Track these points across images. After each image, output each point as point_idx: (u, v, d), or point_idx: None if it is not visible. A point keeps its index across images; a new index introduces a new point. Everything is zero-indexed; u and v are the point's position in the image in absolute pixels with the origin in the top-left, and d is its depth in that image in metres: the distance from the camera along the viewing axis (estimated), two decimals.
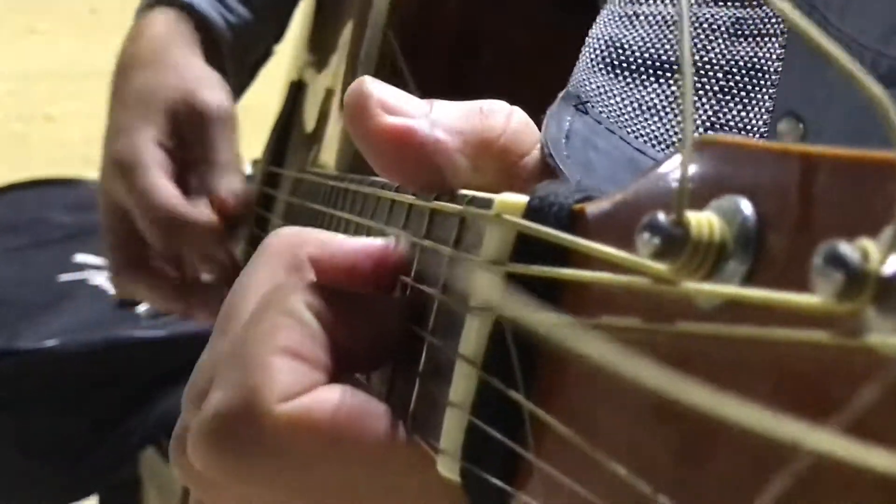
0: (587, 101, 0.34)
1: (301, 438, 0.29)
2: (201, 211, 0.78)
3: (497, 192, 0.28)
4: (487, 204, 0.28)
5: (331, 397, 0.29)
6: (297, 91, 0.91)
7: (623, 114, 0.36)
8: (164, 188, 0.77)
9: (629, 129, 0.35)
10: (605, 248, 0.22)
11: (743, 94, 0.36)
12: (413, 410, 0.30)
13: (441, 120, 0.33)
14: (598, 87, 0.37)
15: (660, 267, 0.21)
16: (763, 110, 0.36)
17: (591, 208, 0.25)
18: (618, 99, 0.36)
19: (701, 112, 0.36)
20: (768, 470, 0.17)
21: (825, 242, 0.17)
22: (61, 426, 1.24)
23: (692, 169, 0.21)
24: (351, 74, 0.74)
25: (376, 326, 0.32)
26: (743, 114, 0.36)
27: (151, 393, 1.23)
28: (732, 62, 0.36)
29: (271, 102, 0.93)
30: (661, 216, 0.20)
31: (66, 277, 1.38)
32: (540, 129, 0.34)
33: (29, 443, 1.24)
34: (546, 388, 0.25)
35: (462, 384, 0.27)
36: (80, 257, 1.41)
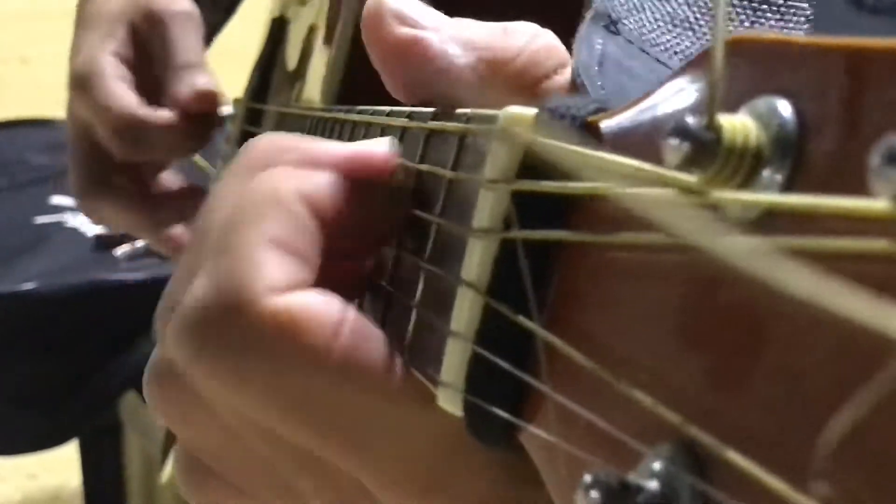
0: (618, 21, 0.32)
1: (286, 337, 0.27)
2: (160, 112, 0.75)
3: None
4: (491, 120, 0.26)
5: (323, 302, 0.27)
6: (278, 28, 0.89)
7: (653, 30, 0.34)
8: (121, 94, 0.75)
9: (662, 47, 0.33)
10: (627, 160, 0.20)
11: (780, 1, 0.34)
12: (410, 342, 0.28)
13: (456, 34, 0.32)
14: (627, 1, 0.35)
15: (689, 177, 0.19)
16: (803, 18, 0.34)
17: (607, 121, 0.23)
18: (647, 14, 0.34)
19: (735, 26, 0.34)
20: (823, 393, 0.16)
21: (883, 139, 0.15)
22: (40, 370, 1.23)
23: (723, 68, 0.19)
24: (335, 9, 0.71)
25: (372, 220, 0.30)
26: (781, 23, 0.34)
27: (131, 337, 1.22)
28: None
29: (252, 42, 0.91)
30: (691, 119, 0.18)
31: (42, 219, 1.36)
32: (571, 54, 0.32)
33: (7, 388, 1.22)
34: (559, 314, 0.23)
35: (465, 312, 0.25)
36: (57, 199, 1.39)
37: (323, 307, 0.27)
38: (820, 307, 0.14)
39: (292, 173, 0.30)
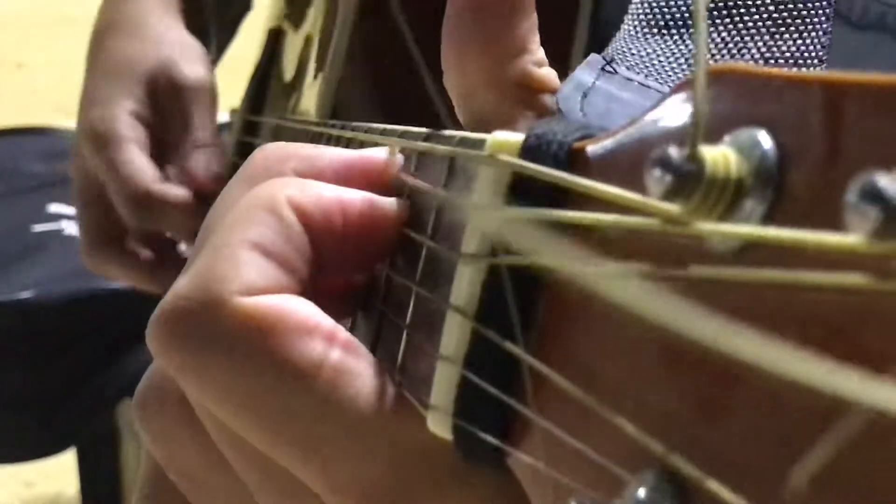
0: (612, 60, 0.32)
1: (251, 338, 0.27)
2: (176, 190, 0.75)
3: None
4: (479, 144, 0.26)
5: (294, 309, 0.28)
6: (275, 39, 0.89)
7: (665, 70, 0.34)
8: (140, 165, 0.75)
9: (671, 84, 0.33)
10: (611, 189, 0.21)
11: (798, 21, 0.34)
12: (401, 363, 0.28)
13: None
14: (641, 50, 0.35)
15: (672, 207, 0.19)
16: (821, 33, 0.34)
17: (592, 147, 0.24)
18: (662, 58, 0.35)
19: (752, 47, 0.35)
20: (803, 426, 0.16)
21: (859, 175, 0.16)
22: (37, 378, 1.23)
23: (705, 101, 0.20)
24: (331, 21, 0.72)
25: (369, 241, 0.30)
26: (799, 42, 0.34)
27: (128, 344, 1.22)
28: None
29: (249, 52, 0.91)
30: (674, 151, 0.19)
31: (39, 228, 1.36)
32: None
33: (3, 395, 1.22)
34: (546, 340, 0.23)
35: (454, 336, 0.25)
36: (54, 207, 1.38)
37: (292, 314, 0.27)
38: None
39: (289, 182, 0.30)
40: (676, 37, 0.36)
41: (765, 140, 0.19)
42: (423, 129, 0.32)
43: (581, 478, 0.20)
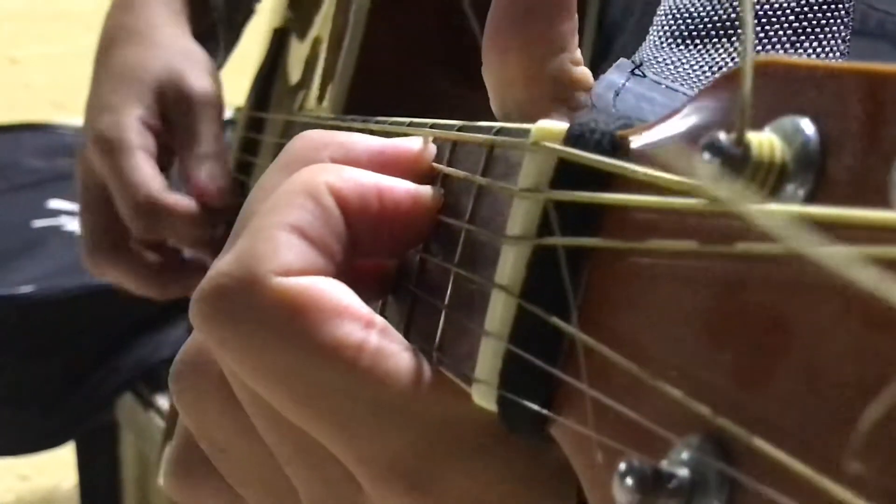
0: (642, 63, 0.34)
1: (289, 316, 0.28)
2: (182, 199, 0.77)
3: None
4: (523, 133, 0.27)
5: (330, 291, 0.29)
6: (280, 39, 0.90)
7: (691, 77, 0.36)
8: (147, 173, 0.76)
9: (700, 85, 0.35)
10: (661, 174, 0.22)
11: (818, 30, 0.36)
12: (440, 342, 0.30)
13: None
14: (667, 59, 0.37)
15: (720, 189, 0.20)
16: (840, 41, 0.35)
17: (636, 136, 0.25)
18: (686, 66, 0.36)
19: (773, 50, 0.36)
20: (840, 388, 0.17)
21: None
22: (37, 373, 1.23)
23: (751, 89, 0.21)
24: (342, 21, 0.73)
25: (404, 227, 0.31)
26: (819, 50, 0.36)
27: (128, 339, 1.23)
28: (804, 3, 0.36)
29: (253, 50, 0.92)
30: (723, 135, 0.20)
31: (39, 223, 1.37)
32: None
33: (3, 389, 1.23)
34: (591, 314, 0.25)
35: (498, 313, 0.26)
36: (54, 203, 1.39)
37: (327, 296, 0.29)
38: (851, 282, 0.16)
39: (328, 167, 0.31)
40: (701, 47, 0.37)
41: (807, 127, 0.20)
42: (456, 122, 0.33)
43: (629, 441, 0.22)
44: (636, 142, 0.25)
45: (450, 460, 0.29)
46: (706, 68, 0.36)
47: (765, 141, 0.20)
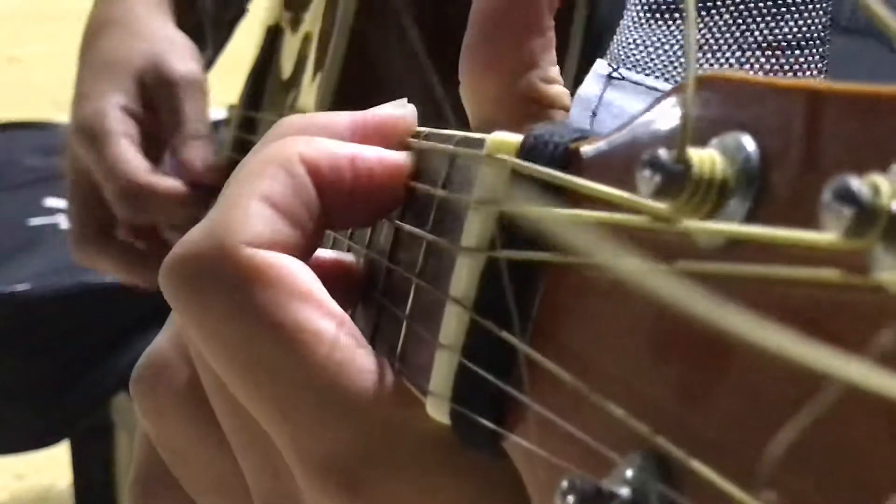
0: (618, 67, 0.34)
1: (253, 288, 0.28)
2: (167, 181, 0.77)
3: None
4: (479, 144, 0.27)
5: (295, 270, 0.29)
6: (273, 36, 0.90)
7: (671, 61, 0.36)
8: (130, 158, 0.76)
9: (677, 78, 0.34)
10: (603, 187, 0.22)
11: (799, 2, 0.35)
12: (401, 352, 0.29)
13: None
14: (646, 40, 0.36)
15: (660, 205, 0.20)
16: (822, 13, 0.35)
17: (587, 147, 0.25)
18: (667, 46, 0.36)
19: (755, 30, 0.36)
20: (777, 408, 0.17)
21: (834, 178, 0.17)
22: (32, 371, 1.23)
23: (694, 106, 0.21)
24: (330, 18, 0.73)
25: (378, 196, 0.31)
26: (801, 23, 0.35)
27: (123, 338, 1.23)
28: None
29: (246, 48, 0.92)
30: (663, 153, 0.20)
31: (36, 221, 1.37)
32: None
33: None
34: (541, 330, 0.24)
35: (452, 326, 0.26)
36: (51, 201, 1.39)
37: (295, 277, 0.29)
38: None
39: (300, 139, 0.31)
40: (680, 21, 0.37)
41: (748, 143, 0.20)
42: (424, 129, 0.33)
43: (573, 459, 0.22)
44: (588, 154, 0.25)
45: (388, 466, 0.29)
46: (680, 49, 0.36)
47: (706, 157, 0.20)
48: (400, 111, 0.33)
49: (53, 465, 1.50)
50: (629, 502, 0.20)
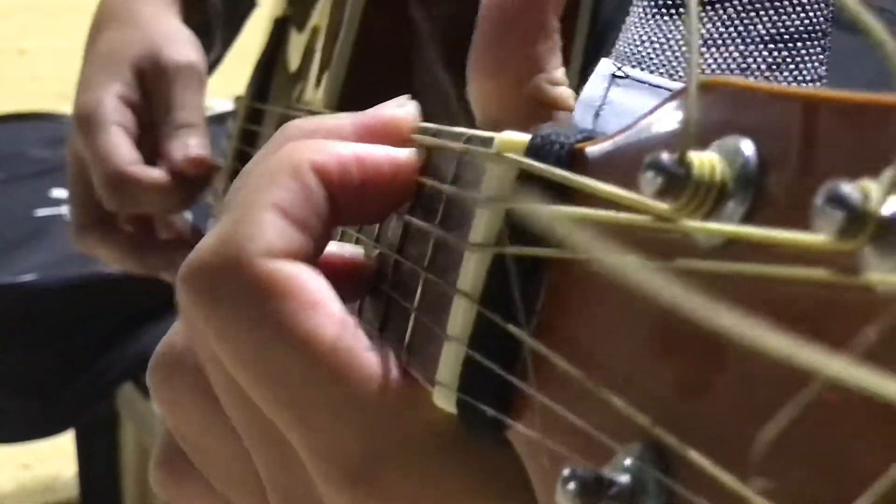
0: (622, 65, 0.34)
1: (266, 300, 0.29)
2: (150, 171, 0.76)
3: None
4: (487, 142, 0.28)
5: (309, 280, 0.30)
6: (280, 28, 0.91)
7: (676, 58, 0.36)
8: (118, 147, 0.76)
9: (682, 75, 0.35)
10: (606, 187, 0.23)
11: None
12: (408, 344, 0.30)
13: None
14: (652, 37, 0.37)
15: (661, 205, 0.21)
16: (824, 6, 0.35)
17: (592, 148, 0.26)
18: (672, 41, 0.37)
19: (758, 23, 0.36)
20: (770, 401, 0.18)
21: (827, 183, 0.18)
22: (38, 361, 1.24)
23: (696, 110, 0.22)
24: (339, 11, 0.73)
25: (386, 193, 0.32)
26: (803, 16, 0.36)
27: (129, 329, 1.24)
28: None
29: (253, 40, 0.93)
30: (665, 155, 0.21)
31: (42, 212, 1.38)
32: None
33: (5, 377, 1.24)
34: (545, 323, 0.25)
35: (459, 318, 0.27)
36: (57, 192, 1.40)
37: (307, 286, 0.29)
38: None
39: (309, 144, 0.32)
40: (683, 17, 0.38)
41: (747, 148, 0.21)
42: (433, 125, 0.34)
43: (575, 448, 0.23)
44: (593, 155, 0.26)
45: (399, 460, 0.29)
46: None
47: (706, 161, 0.21)
48: (403, 109, 0.34)
49: (59, 454, 1.52)
50: (628, 489, 0.21)
